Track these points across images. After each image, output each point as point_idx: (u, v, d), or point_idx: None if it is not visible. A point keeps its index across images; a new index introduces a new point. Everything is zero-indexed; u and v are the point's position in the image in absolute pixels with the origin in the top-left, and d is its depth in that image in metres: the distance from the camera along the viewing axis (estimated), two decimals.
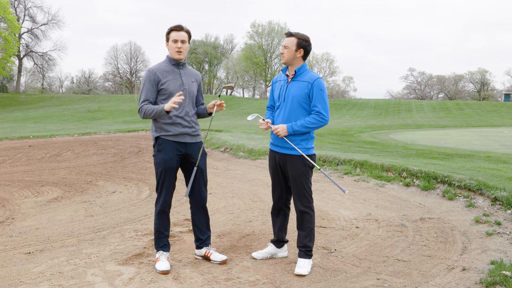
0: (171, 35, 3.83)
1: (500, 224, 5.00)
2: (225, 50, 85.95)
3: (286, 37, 3.87)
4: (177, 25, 3.85)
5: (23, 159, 11.19)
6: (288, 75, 3.91)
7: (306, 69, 3.88)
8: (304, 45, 3.81)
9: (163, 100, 3.84)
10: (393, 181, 7.27)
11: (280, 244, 4.14)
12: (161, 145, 3.86)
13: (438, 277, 3.64)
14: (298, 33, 3.82)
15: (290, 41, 3.81)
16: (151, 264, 3.94)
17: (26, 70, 76.75)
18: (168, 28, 3.87)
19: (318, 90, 3.75)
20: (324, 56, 74.64)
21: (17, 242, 4.61)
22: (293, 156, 3.82)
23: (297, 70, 3.84)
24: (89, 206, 6.27)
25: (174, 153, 3.86)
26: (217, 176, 8.56)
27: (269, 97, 4.14)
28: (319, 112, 3.74)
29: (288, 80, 3.88)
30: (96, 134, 17.10)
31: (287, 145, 3.82)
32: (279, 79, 4.01)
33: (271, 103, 4.10)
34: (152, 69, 3.86)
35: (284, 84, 3.90)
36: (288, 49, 3.81)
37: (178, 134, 3.86)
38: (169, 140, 3.85)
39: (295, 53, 3.81)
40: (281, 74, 4.03)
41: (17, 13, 59.13)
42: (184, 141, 3.89)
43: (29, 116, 35.99)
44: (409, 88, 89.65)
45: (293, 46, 3.79)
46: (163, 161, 3.84)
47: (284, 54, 3.84)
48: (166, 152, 3.84)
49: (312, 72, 3.89)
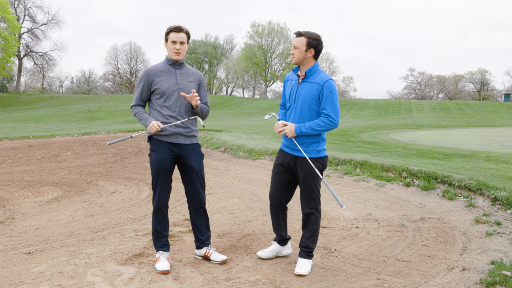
0: (170, 36, 3.83)
1: (500, 224, 5.00)
2: (225, 50, 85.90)
3: (295, 37, 3.75)
4: (176, 26, 3.84)
5: (23, 159, 11.19)
6: (299, 75, 3.81)
7: (317, 70, 3.76)
8: (314, 44, 3.70)
9: (157, 99, 3.87)
10: (393, 181, 7.27)
11: (284, 242, 4.14)
12: (154, 145, 3.88)
13: (438, 277, 3.64)
14: (308, 32, 3.71)
15: (299, 41, 3.70)
16: (151, 264, 3.94)
17: (26, 70, 76.80)
18: (167, 29, 3.86)
19: (328, 92, 3.65)
20: (324, 56, 74.61)
21: (17, 242, 4.61)
22: (304, 158, 3.75)
23: (307, 71, 3.75)
24: (89, 206, 6.27)
25: (167, 153, 3.86)
26: (217, 176, 8.56)
27: (282, 95, 4.08)
28: (328, 115, 3.65)
29: (299, 81, 3.80)
30: (96, 134, 17.10)
31: (297, 147, 3.76)
32: (291, 78, 3.92)
33: (284, 101, 4.04)
34: (148, 70, 3.90)
35: (295, 85, 3.82)
36: (298, 50, 3.71)
37: (170, 134, 3.85)
38: (162, 141, 3.86)
39: (305, 53, 3.71)
40: (292, 73, 3.93)
41: (17, 13, 59.10)
42: (177, 141, 3.88)
43: (29, 116, 35.98)
44: (409, 88, 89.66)
45: (303, 46, 3.69)
46: (156, 161, 3.85)
47: (294, 55, 3.74)
48: (159, 152, 3.85)
49: (323, 72, 3.78)
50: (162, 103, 3.85)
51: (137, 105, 3.93)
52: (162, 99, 3.85)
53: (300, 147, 3.72)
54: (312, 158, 3.76)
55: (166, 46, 3.89)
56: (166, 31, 3.86)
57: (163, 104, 3.85)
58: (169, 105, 3.85)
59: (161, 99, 3.84)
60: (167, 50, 3.88)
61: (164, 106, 3.85)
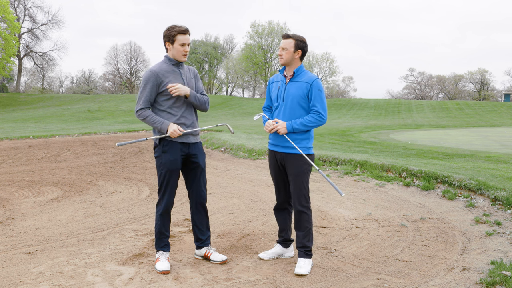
0: (178, 38, 3.78)
1: (500, 224, 5.00)
2: (225, 50, 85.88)
3: (283, 39, 3.91)
4: (184, 28, 3.80)
5: (23, 159, 11.19)
6: (286, 76, 3.95)
7: (304, 70, 3.93)
8: (301, 46, 3.88)
9: (165, 100, 3.82)
10: (393, 181, 7.27)
11: (287, 243, 4.15)
12: (166, 146, 3.85)
13: (438, 277, 3.64)
14: (295, 35, 3.88)
15: (288, 43, 3.86)
16: (151, 264, 3.94)
17: (26, 70, 76.76)
18: (173, 30, 3.78)
19: (316, 91, 3.81)
20: (324, 56, 74.66)
21: (17, 242, 4.61)
22: (294, 155, 3.86)
23: (295, 71, 3.90)
24: (89, 206, 6.27)
25: (179, 154, 3.86)
26: (217, 176, 8.56)
27: (266, 97, 4.18)
28: (318, 111, 3.80)
29: (287, 81, 3.93)
30: (96, 134, 17.10)
31: (287, 144, 3.85)
32: (276, 79, 4.05)
33: (268, 104, 4.14)
34: (154, 70, 3.81)
35: (282, 85, 3.95)
36: (287, 51, 3.86)
37: (182, 135, 3.86)
38: (174, 142, 3.85)
39: (293, 54, 3.87)
40: (278, 74, 4.07)
41: (17, 13, 59.08)
42: (187, 141, 3.90)
43: (29, 116, 35.98)
44: (409, 88, 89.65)
45: (291, 47, 3.85)
46: (169, 162, 3.83)
47: (283, 56, 3.88)
48: (171, 153, 3.84)
49: (309, 73, 3.95)
50: (172, 104, 3.83)
51: (144, 108, 3.82)
52: (171, 100, 3.82)
53: (293, 142, 3.81)
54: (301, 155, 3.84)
55: (170, 47, 3.82)
56: (173, 33, 3.78)
57: (173, 105, 3.83)
58: (179, 106, 3.85)
59: (170, 100, 3.82)
60: (171, 51, 3.83)
61: (174, 106, 3.84)
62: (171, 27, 3.81)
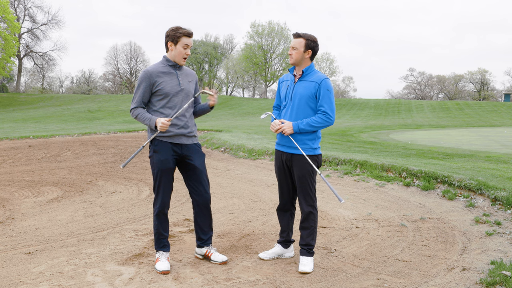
0: (182, 40, 3.75)
1: (500, 224, 5.00)
2: (225, 50, 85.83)
3: (294, 38, 3.87)
4: (191, 31, 3.78)
5: (23, 159, 11.19)
6: (295, 75, 3.92)
7: (313, 69, 3.90)
8: (312, 46, 3.84)
9: (159, 100, 3.83)
10: (393, 181, 7.27)
11: (287, 244, 4.15)
12: (157, 146, 3.85)
13: (438, 277, 3.64)
14: (306, 34, 3.83)
15: (298, 42, 3.82)
16: (151, 264, 3.94)
17: (26, 70, 76.79)
18: (179, 31, 3.75)
19: (325, 91, 3.76)
20: (324, 56, 74.61)
21: (17, 242, 4.61)
22: (300, 155, 3.83)
23: (304, 70, 3.86)
24: (89, 206, 6.27)
25: (170, 154, 3.84)
26: (217, 176, 8.56)
27: (276, 96, 4.16)
28: (325, 112, 3.76)
29: (295, 80, 3.89)
30: (96, 134, 17.10)
31: (293, 144, 3.82)
32: (286, 78, 4.02)
33: (278, 103, 4.12)
34: (148, 71, 3.81)
35: (291, 84, 3.92)
36: (297, 50, 3.82)
37: (173, 135, 3.84)
38: (165, 142, 3.85)
39: (303, 54, 3.83)
40: (288, 74, 4.04)
41: (17, 13, 59.09)
42: (180, 142, 3.88)
43: (29, 116, 35.98)
44: (409, 88, 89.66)
45: (301, 47, 3.81)
46: (159, 162, 3.83)
47: (293, 55, 3.85)
48: (162, 153, 3.83)
49: (319, 72, 3.90)
50: (165, 104, 3.83)
51: (137, 107, 3.85)
52: (164, 101, 3.82)
53: (297, 144, 3.78)
54: (307, 156, 3.82)
55: (172, 47, 3.79)
56: (178, 34, 3.75)
57: (165, 105, 3.83)
58: (172, 106, 3.83)
59: (163, 100, 3.82)
60: (173, 51, 3.80)
61: (167, 107, 3.83)
62: (176, 28, 3.77)
